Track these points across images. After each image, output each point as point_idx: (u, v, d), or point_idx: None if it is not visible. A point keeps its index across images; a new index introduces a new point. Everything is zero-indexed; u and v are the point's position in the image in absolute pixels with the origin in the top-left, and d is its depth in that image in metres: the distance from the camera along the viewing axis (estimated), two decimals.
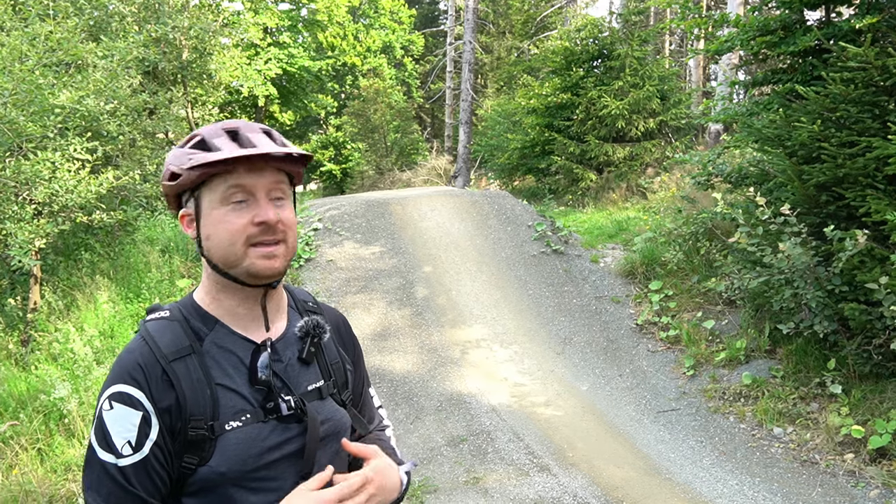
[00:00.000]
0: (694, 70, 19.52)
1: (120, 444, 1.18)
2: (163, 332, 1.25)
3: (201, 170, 1.23)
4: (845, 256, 4.43)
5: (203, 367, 1.23)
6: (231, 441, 1.21)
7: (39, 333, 6.67)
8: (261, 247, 1.24)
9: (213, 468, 1.20)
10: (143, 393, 1.19)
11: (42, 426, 5.08)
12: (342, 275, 7.62)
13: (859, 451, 4.37)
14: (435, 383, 5.95)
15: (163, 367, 1.21)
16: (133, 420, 1.18)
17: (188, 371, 1.22)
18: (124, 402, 1.18)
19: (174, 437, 1.20)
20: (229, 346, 1.27)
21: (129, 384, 1.19)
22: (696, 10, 7.20)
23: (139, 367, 1.21)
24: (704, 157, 7.55)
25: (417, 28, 31.57)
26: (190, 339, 1.25)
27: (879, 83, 4.54)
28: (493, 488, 4.43)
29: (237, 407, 1.23)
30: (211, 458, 1.20)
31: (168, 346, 1.23)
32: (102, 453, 1.18)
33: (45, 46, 7.19)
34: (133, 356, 1.22)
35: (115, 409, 1.19)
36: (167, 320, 1.27)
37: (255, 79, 17.20)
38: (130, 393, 1.19)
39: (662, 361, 6.16)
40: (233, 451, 1.21)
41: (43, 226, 6.58)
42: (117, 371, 1.22)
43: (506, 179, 16.64)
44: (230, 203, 1.24)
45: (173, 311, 1.29)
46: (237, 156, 1.21)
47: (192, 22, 11.88)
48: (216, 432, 1.20)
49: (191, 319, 1.28)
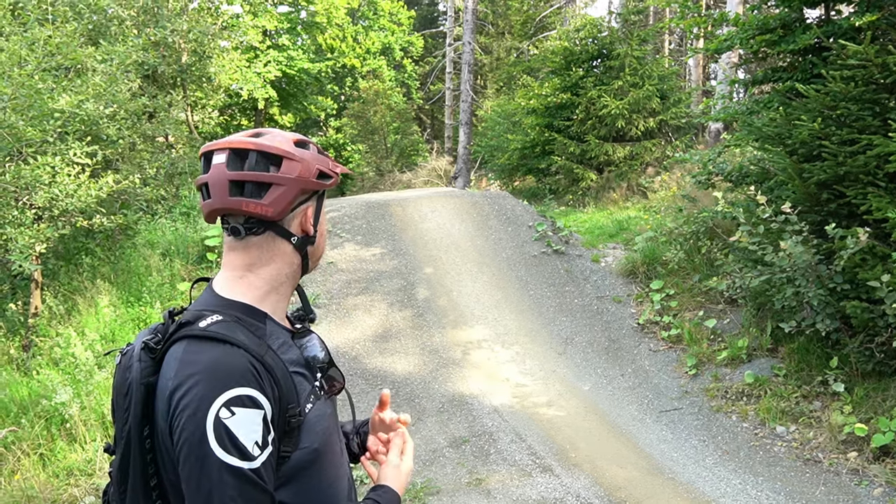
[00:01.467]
0: (693, 69, 19.50)
1: (250, 445, 1.17)
2: (234, 332, 1.24)
3: (336, 180, 1.41)
4: (847, 254, 4.42)
5: (279, 358, 1.27)
6: (312, 420, 1.28)
7: (40, 338, 6.67)
8: None
9: (307, 448, 1.26)
10: (259, 391, 1.19)
11: (44, 431, 5.07)
12: (343, 276, 7.61)
13: (862, 449, 4.36)
14: (437, 384, 5.94)
15: (261, 362, 1.22)
16: (257, 420, 1.18)
17: (275, 363, 1.25)
18: (245, 404, 1.17)
19: (277, 429, 1.23)
20: (282, 336, 1.34)
21: (245, 386, 1.18)
22: (695, 9, 7.18)
23: (249, 365, 1.20)
24: (705, 155, 7.54)
25: (416, 29, 31.55)
26: (258, 335, 1.27)
27: (879, 81, 4.53)
28: (495, 489, 4.42)
29: (307, 389, 1.30)
30: (301, 441, 1.26)
31: (250, 344, 1.23)
32: (236, 461, 1.15)
33: (45, 51, 7.20)
34: (233, 359, 1.20)
35: (238, 413, 1.16)
36: (226, 322, 1.26)
37: (254, 81, 17.22)
38: (249, 394, 1.18)
39: (664, 361, 6.14)
40: (317, 428, 1.29)
41: (43, 230, 6.58)
42: (225, 377, 1.18)
43: (506, 180, 16.63)
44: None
45: (223, 314, 1.28)
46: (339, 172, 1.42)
47: (191, 25, 11.89)
48: (302, 416, 1.27)
49: (242, 317, 1.29)
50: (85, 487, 4.52)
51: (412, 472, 1.54)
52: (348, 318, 6.90)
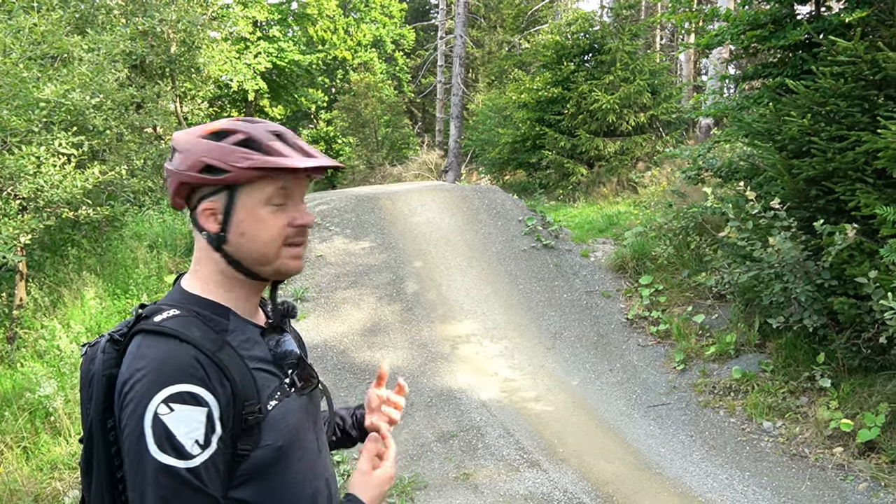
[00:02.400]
0: (684, 64, 19.53)
1: (189, 444, 1.14)
2: (188, 327, 1.22)
3: (261, 172, 1.24)
4: (835, 251, 4.43)
5: (238, 355, 1.25)
6: (276, 418, 1.25)
7: (25, 330, 6.61)
8: (293, 247, 1.31)
9: (269, 446, 1.23)
10: (204, 388, 1.16)
11: (27, 424, 5.03)
12: (332, 270, 7.58)
13: (848, 444, 4.38)
14: (425, 379, 5.92)
15: (211, 358, 1.19)
16: (199, 418, 1.15)
17: (231, 359, 1.22)
18: (185, 401, 1.14)
19: (230, 427, 1.20)
20: (247, 332, 1.31)
21: (188, 382, 1.15)
22: (686, 4, 7.17)
23: (193, 361, 1.17)
24: (695, 151, 7.55)
25: (408, 22, 31.42)
26: (216, 330, 1.25)
27: (869, 77, 4.53)
28: (483, 484, 4.42)
29: (272, 386, 1.27)
30: (262, 439, 1.22)
31: (203, 339, 1.21)
32: (170, 459, 1.12)
33: (30, 39, 7.09)
34: (179, 354, 1.18)
35: (177, 410, 1.14)
36: (183, 317, 1.24)
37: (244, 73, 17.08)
38: (191, 391, 1.15)
39: (653, 356, 6.16)
40: (282, 425, 1.26)
41: (28, 221, 6.50)
42: (167, 373, 1.16)
43: (496, 174, 16.61)
44: (271, 205, 1.27)
45: (180, 308, 1.26)
46: (310, 166, 1.26)
47: (181, 15, 11.76)
48: (263, 413, 1.24)
49: (202, 312, 1.27)
50: (69, 481, 4.48)
51: (394, 477, 1.48)
52: (337, 311, 6.87)
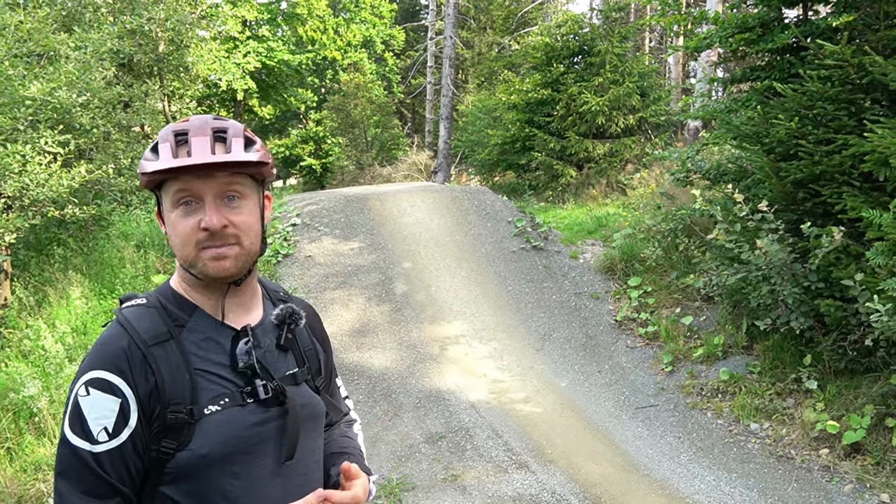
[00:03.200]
0: (673, 67, 19.62)
1: (96, 430, 1.18)
2: (140, 318, 1.26)
3: (146, 177, 1.26)
4: (821, 253, 4.45)
5: (182, 353, 1.25)
6: (212, 424, 1.23)
7: (9, 330, 6.53)
8: (210, 249, 1.26)
9: (194, 451, 1.20)
10: (123, 380, 1.19)
11: (11, 425, 4.96)
12: (321, 270, 7.55)
13: (834, 446, 4.41)
14: (414, 380, 5.91)
15: (142, 352, 1.21)
16: (111, 407, 1.18)
17: (167, 356, 1.23)
18: (102, 388, 1.19)
19: (152, 422, 1.20)
20: (210, 332, 1.30)
21: (109, 371, 1.20)
22: (675, 7, 7.19)
23: (122, 351, 1.21)
24: (683, 153, 7.57)
25: (398, 22, 31.38)
26: (168, 325, 1.26)
27: (856, 81, 4.56)
28: (471, 485, 4.41)
29: (217, 391, 1.25)
30: (190, 442, 1.21)
31: (147, 331, 1.24)
32: (76, 439, 1.18)
33: (15, 37, 7.03)
34: (113, 342, 1.23)
35: (93, 395, 1.18)
36: (144, 307, 1.29)
37: (233, 72, 17.03)
38: (110, 380, 1.19)
39: (641, 357, 6.17)
40: (213, 433, 1.22)
41: (13, 220, 6.43)
42: (95, 357, 1.22)
43: (486, 175, 16.61)
44: (179, 206, 1.25)
45: (150, 299, 1.31)
46: (164, 168, 1.22)
47: (169, 13, 11.70)
48: (195, 416, 1.22)
49: (168, 306, 1.30)
50: (52, 482, 4.43)
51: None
52: (325, 312, 6.84)
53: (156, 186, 1.29)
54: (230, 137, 1.27)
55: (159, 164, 1.23)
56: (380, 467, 4.72)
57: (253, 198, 1.31)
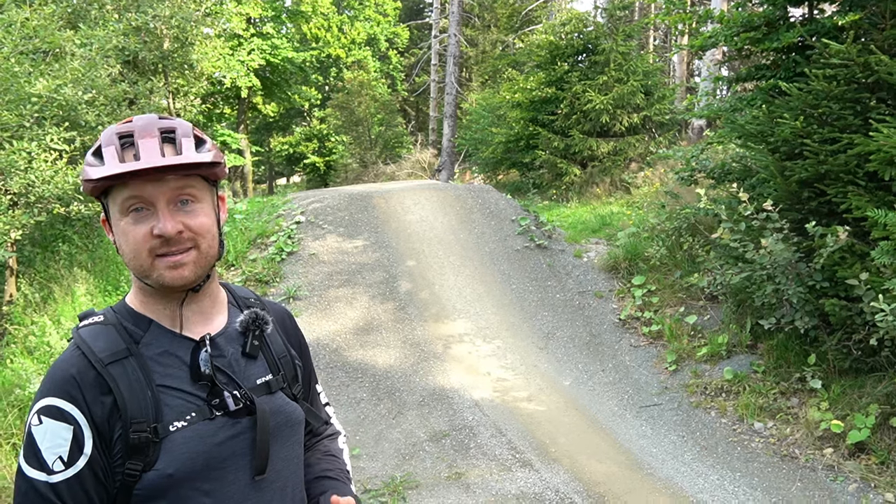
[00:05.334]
0: (678, 66, 19.59)
1: (51, 459, 1.13)
2: (96, 336, 1.21)
3: (91, 184, 1.19)
4: (826, 252, 4.45)
5: (142, 369, 1.19)
6: (178, 441, 1.17)
7: (15, 326, 6.56)
8: (166, 257, 1.19)
9: (160, 471, 1.15)
10: (75, 406, 1.14)
11: (17, 421, 4.98)
12: (325, 268, 7.56)
13: (838, 445, 4.40)
14: (417, 378, 5.92)
15: (98, 371, 1.16)
16: (64, 435, 1.13)
17: (126, 374, 1.18)
18: (54, 416, 1.14)
19: (113, 445, 1.16)
20: (167, 345, 1.24)
21: (61, 397, 1.15)
22: (680, 6, 7.18)
23: (71, 378, 1.16)
24: (688, 152, 7.56)
25: (402, 20, 31.36)
26: (126, 341, 1.21)
27: (861, 80, 4.55)
28: (475, 483, 4.42)
29: (181, 406, 1.20)
30: (157, 462, 1.16)
31: (102, 350, 1.19)
32: (31, 470, 1.14)
33: (22, 34, 7.05)
34: (65, 367, 1.18)
35: (45, 423, 1.14)
36: (101, 325, 1.23)
37: (237, 70, 17.04)
38: (61, 407, 1.14)
39: (645, 356, 6.17)
40: (180, 451, 1.17)
41: (19, 217, 6.46)
42: (48, 384, 1.17)
43: (490, 173, 16.61)
44: (129, 214, 1.19)
45: (107, 316, 1.26)
46: (111, 174, 1.15)
47: (174, 11, 11.69)
48: (160, 434, 1.16)
49: (124, 322, 1.24)
50: None
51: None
52: (329, 310, 6.86)
53: (101, 193, 1.21)
54: (179, 137, 1.20)
55: (105, 171, 1.15)
56: (384, 465, 4.73)
57: (207, 199, 1.25)
